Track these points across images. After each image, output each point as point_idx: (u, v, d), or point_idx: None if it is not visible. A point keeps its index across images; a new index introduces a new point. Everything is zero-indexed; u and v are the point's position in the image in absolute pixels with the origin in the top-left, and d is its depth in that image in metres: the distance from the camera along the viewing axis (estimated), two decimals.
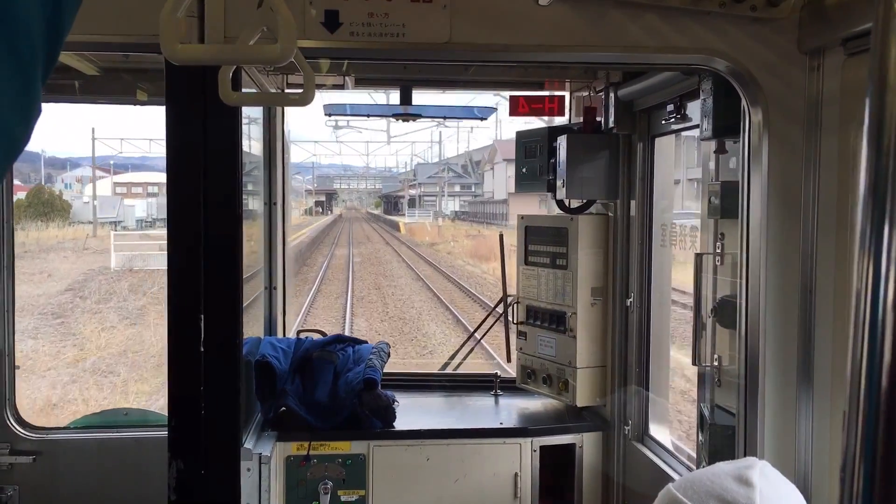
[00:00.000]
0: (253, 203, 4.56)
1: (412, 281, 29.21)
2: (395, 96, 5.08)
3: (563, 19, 2.89)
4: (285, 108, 5.11)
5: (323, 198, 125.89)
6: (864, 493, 0.86)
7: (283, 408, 4.35)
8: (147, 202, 72.09)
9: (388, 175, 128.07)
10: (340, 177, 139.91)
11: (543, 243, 4.90)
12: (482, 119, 5.70)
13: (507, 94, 5.08)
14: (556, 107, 5.07)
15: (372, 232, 68.36)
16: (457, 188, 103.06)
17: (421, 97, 5.11)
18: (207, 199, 3.08)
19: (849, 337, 0.88)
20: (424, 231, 61.43)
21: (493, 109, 5.64)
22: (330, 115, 5.45)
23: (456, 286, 26.28)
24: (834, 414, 2.76)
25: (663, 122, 4.12)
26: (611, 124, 4.53)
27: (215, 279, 3.11)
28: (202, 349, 3.07)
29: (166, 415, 3.22)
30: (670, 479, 3.84)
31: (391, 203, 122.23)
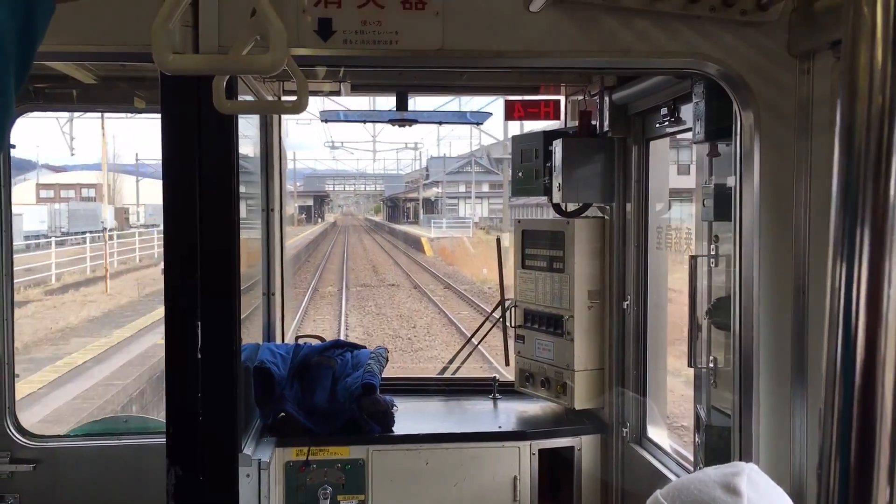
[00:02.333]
0: (250, 210, 4.58)
1: None
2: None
3: (555, 25, 2.92)
4: (282, 116, 5.13)
5: (310, 202, 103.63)
6: (840, 490, 0.87)
7: (283, 413, 4.36)
8: (53, 208, 50.70)
9: (391, 175, 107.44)
10: (333, 177, 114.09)
11: (540, 247, 4.92)
12: (478, 124, 5.72)
13: (503, 97, 5.11)
14: (551, 111, 5.09)
15: (379, 253, 44.61)
16: (485, 188, 79.36)
17: (417, 102, 5.02)
18: (203, 207, 3.10)
19: (824, 338, 0.90)
20: (468, 255, 36.08)
21: (488, 115, 5.67)
22: (326, 121, 5.47)
23: None
24: None
25: (657, 125, 4.14)
26: (606, 128, 4.55)
27: (212, 286, 3.13)
28: (200, 356, 3.08)
29: None
30: (668, 480, 3.86)
31: (398, 208, 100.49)
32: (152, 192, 65.56)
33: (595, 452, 4.63)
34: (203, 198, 3.11)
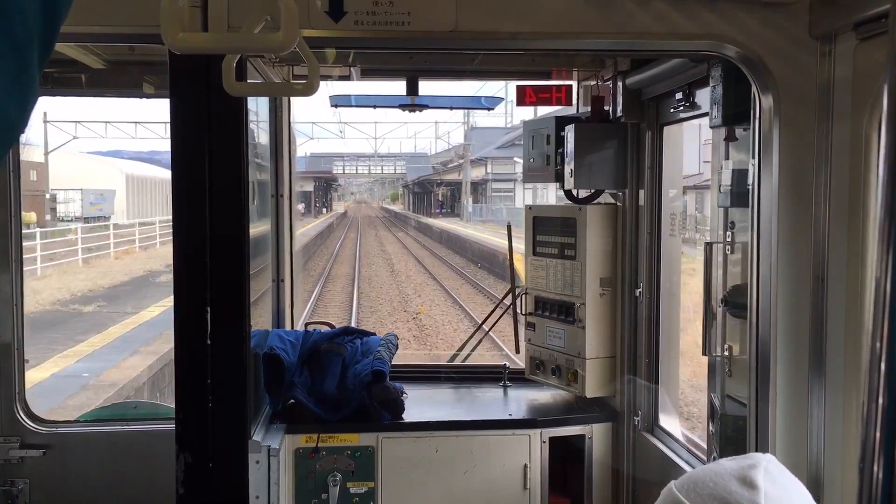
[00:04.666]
0: (260, 195, 4.54)
1: None
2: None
3: (570, 6, 2.86)
4: (291, 100, 5.09)
5: (311, 187, 77.89)
6: (883, 484, 0.83)
7: (292, 400, 4.34)
8: None
9: (414, 154, 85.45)
10: (342, 157, 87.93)
11: (552, 234, 4.87)
12: (489, 109, 5.67)
13: (515, 82, 5.05)
14: (563, 96, 5.03)
15: (434, 298, 22.07)
16: None
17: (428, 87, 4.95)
18: (213, 191, 3.07)
19: (865, 327, 0.85)
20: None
21: (500, 99, 5.61)
22: (336, 105, 5.43)
23: None
24: (847, 403, 2.73)
25: (672, 110, 4.08)
26: (619, 113, 4.49)
27: (221, 272, 3.10)
28: (209, 342, 3.06)
29: None
30: (680, 469, 3.82)
31: (428, 195, 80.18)
32: (96, 172, 52.63)
33: (606, 441, 4.60)
34: (213, 182, 3.07)
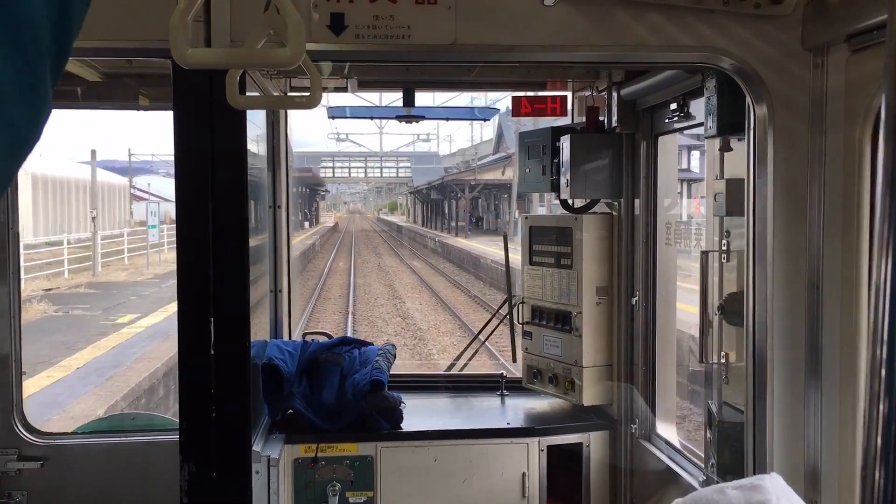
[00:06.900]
0: (257, 206, 4.56)
1: None
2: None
3: (568, 19, 2.90)
4: (288, 112, 5.12)
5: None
6: (884, 490, 0.86)
7: (291, 410, 4.35)
8: None
9: (420, 154, 73.27)
10: (332, 157, 73.32)
11: (548, 243, 4.90)
12: (485, 120, 5.71)
13: (511, 93, 5.08)
14: (558, 107, 5.07)
15: None
16: None
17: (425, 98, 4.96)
18: (215, 202, 3.09)
19: (861, 333, 0.88)
20: None
21: (496, 110, 5.65)
22: (333, 117, 5.46)
23: None
24: (843, 409, 2.76)
25: (666, 120, 4.12)
26: (613, 123, 4.54)
27: (224, 282, 3.12)
28: (212, 352, 3.07)
29: (172, 419, 3.22)
30: (678, 476, 3.85)
31: (450, 204, 60.23)
32: None
33: (604, 449, 4.62)
34: (215, 194, 3.10)
